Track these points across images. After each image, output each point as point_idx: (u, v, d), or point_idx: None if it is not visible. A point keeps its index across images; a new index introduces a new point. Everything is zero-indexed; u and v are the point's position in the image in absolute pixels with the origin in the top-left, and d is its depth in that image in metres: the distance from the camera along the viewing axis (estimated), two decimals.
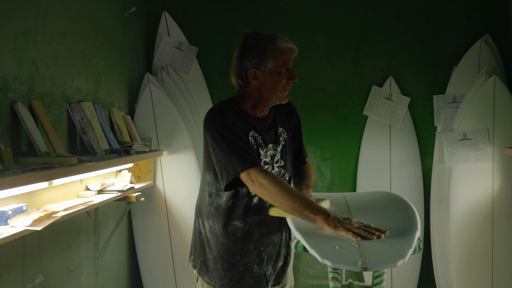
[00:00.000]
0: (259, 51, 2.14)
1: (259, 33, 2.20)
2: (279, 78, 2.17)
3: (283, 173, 2.31)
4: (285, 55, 2.17)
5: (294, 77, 2.19)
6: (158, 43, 4.30)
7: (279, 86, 2.18)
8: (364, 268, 1.60)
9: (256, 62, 2.15)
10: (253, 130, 2.22)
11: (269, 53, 2.14)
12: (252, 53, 2.15)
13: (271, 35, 2.18)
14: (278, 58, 2.15)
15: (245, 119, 2.22)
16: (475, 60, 4.08)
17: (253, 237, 2.27)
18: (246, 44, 2.18)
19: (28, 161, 2.31)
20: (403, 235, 1.85)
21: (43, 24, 2.72)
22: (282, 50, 2.16)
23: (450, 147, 3.91)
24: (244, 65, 2.17)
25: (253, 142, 2.21)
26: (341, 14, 4.42)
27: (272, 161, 2.26)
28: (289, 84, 2.19)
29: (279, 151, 2.29)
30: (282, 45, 2.17)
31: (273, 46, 2.15)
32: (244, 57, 2.17)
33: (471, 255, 3.85)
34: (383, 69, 4.39)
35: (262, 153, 2.23)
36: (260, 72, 2.16)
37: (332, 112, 4.44)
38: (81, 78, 3.17)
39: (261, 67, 2.15)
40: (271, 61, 2.14)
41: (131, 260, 4.12)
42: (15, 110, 2.43)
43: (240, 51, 2.18)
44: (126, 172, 3.56)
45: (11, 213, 2.25)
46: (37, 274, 2.70)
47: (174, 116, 3.97)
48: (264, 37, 2.17)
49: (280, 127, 2.33)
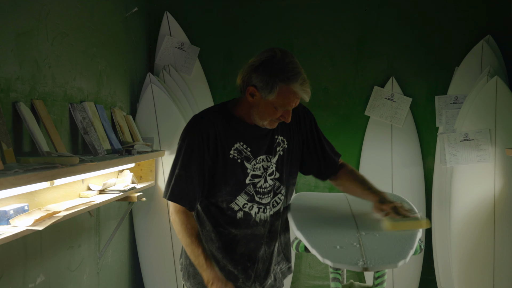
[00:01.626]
0: (269, 79, 1.97)
1: (284, 61, 1.98)
2: (272, 113, 2.02)
3: (278, 186, 2.16)
4: (291, 98, 2.00)
5: (287, 119, 2.05)
6: (160, 43, 4.30)
7: (268, 118, 2.04)
8: (365, 268, 1.60)
9: (260, 86, 1.99)
10: (240, 141, 2.09)
11: (276, 88, 1.97)
12: (262, 76, 1.98)
13: (292, 73, 1.97)
14: (282, 97, 1.99)
15: (233, 128, 2.09)
16: (477, 61, 4.07)
17: (237, 249, 2.15)
18: (265, 63, 1.98)
19: (30, 161, 2.31)
20: (404, 235, 1.85)
21: (45, 24, 2.73)
22: (291, 92, 1.98)
23: (452, 148, 3.90)
24: (251, 78, 2.01)
25: (236, 155, 2.08)
26: (343, 14, 4.41)
27: (264, 173, 2.12)
28: (279, 120, 2.06)
29: (273, 162, 2.13)
30: (295, 89, 1.98)
31: (285, 85, 1.96)
32: (255, 72, 2.00)
33: (473, 256, 3.85)
34: (384, 69, 4.39)
35: (249, 166, 2.09)
36: (259, 95, 2.01)
37: (334, 113, 4.44)
38: (83, 78, 3.18)
39: (262, 93, 1.99)
40: (274, 96, 1.98)
41: (133, 260, 4.12)
42: (17, 110, 2.43)
43: (256, 64, 2.00)
44: (128, 172, 3.57)
45: (13, 212, 2.26)
46: (38, 274, 2.70)
47: (175, 116, 3.98)
48: (284, 70, 1.97)
49: (279, 136, 2.16)
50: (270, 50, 2.01)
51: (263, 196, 2.12)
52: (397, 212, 1.99)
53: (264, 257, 2.19)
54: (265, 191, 2.12)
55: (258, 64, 1.99)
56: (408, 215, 1.96)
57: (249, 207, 2.11)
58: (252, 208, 2.12)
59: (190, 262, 2.14)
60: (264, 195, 2.12)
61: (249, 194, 2.10)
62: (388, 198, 2.07)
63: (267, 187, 2.13)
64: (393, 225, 1.90)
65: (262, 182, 2.12)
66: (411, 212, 2.00)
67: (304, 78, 1.98)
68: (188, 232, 2.03)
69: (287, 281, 4.44)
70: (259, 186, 2.11)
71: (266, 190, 2.13)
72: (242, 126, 2.10)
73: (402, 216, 1.97)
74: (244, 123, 2.11)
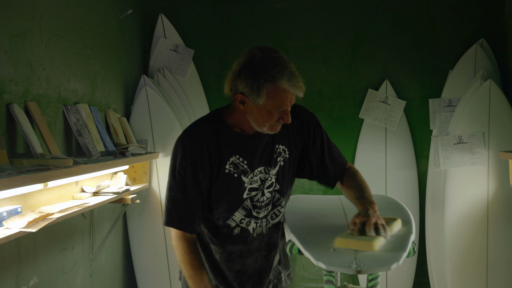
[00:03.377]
0: (253, 82, 1.81)
1: (265, 60, 1.82)
2: (268, 117, 1.86)
3: (278, 198, 2.06)
4: (283, 97, 1.83)
5: (287, 119, 1.88)
6: (155, 45, 4.30)
7: (266, 123, 1.89)
8: (358, 271, 1.60)
9: (247, 92, 1.83)
10: (236, 154, 1.95)
11: (264, 91, 1.80)
12: (246, 80, 1.82)
13: (277, 70, 1.80)
14: (273, 99, 1.82)
15: (227, 141, 1.95)
16: (470, 64, 4.09)
17: (233, 266, 2.08)
18: (246, 67, 1.83)
19: (23, 162, 2.31)
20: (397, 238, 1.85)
21: (39, 26, 2.72)
22: (280, 91, 1.82)
23: (445, 151, 3.92)
24: (236, 86, 1.85)
25: (232, 170, 1.95)
26: (337, 17, 4.43)
27: (262, 186, 2.00)
28: (279, 123, 1.90)
29: (273, 174, 2.01)
30: (284, 87, 1.81)
31: (271, 84, 1.80)
32: (238, 78, 1.84)
33: (466, 258, 3.86)
34: (379, 72, 4.40)
35: (247, 180, 1.97)
36: (249, 101, 1.85)
37: (328, 115, 4.45)
38: (77, 80, 3.17)
39: (251, 98, 1.83)
40: (263, 99, 1.82)
41: (126, 262, 4.11)
42: (11, 111, 2.43)
43: (238, 69, 1.85)
44: (122, 174, 3.56)
45: (6, 214, 2.25)
46: (31, 276, 2.70)
47: (170, 118, 3.98)
48: (267, 69, 1.80)
49: (280, 145, 2.02)
50: (249, 51, 1.86)
51: (260, 210, 2.02)
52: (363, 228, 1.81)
53: (261, 270, 2.13)
54: (262, 204, 2.02)
55: (240, 68, 1.84)
56: (369, 234, 1.77)
57: (246, 223, 2.03)
58: (250, 223, 2.03)
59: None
60: (261, 209, 2.02)
61: (247, 209, 2.01)
62: (365, 212, 1.87)
63: (264, 200, 2.02)
64: (339, 242, 1.78)
65: (260, 195, 2.01)
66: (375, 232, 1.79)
67: (291, 72, 1.81)
68: (191, 263, 1.94)
69: None
70: (256, 199, 2.00)
71: (264, 204, 2.02)
72: (237, 137, 1.96)
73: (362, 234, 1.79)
74: (239, 134, 1.96)
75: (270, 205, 2.05)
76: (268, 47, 1.87)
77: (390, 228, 1.86)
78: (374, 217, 1.84)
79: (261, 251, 2.11)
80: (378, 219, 1.84)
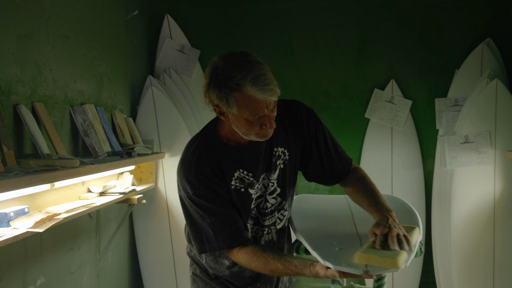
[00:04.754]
0: (221, 93, 1.71)
1: (228, 67, 1.69)
2: (248, 125, 1.75)
3: (280, 201, 1.99)
4: (254, 104, 1.69)
5: (270, 125, 1.75)
6: (161, 46, 4.31)
7: (250, 131, 1.77)
8: (365, 271, 1.60)
9: (220, 103, 1.74)
10: (239, 169, 1.88)
11: (233, 100, 1.69)
12: (215, 92, 1.72)
13: (240, 76, 1.66)
14: (245, 107, 1.70)
15: (228, 158, 1.87)
16: (477, 64, 4.08)
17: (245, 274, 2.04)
18: (212, 77, 1.73)
19: (30, 163, 2.32)
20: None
21: (46, 27, 2.73)
22: (251, 99, 1.68)
23: (451, 150, 3.91)
24: (210, 98, 1.76)
25: (239, 185, 1.88)
26: (343, 17, 4.42)
27: (264, 193, 1.95)
28: (265, 129, 1.77)
29: (274, 178, 1.94)
30: (251, 94, 1.67)
31: (239, 93, 1.68)
32: (209, 90, 1.75)
33: (473, 259, 3.85)
34: (385, 72, 4.39)
35: (253, 191, 1.91)
36: (226, 112, 1.75)
37: (334, 115, 4.44)
38: (83, 81, 3.18)
39: (225, 109, 1.74)
40: (235, 108, 1.71)
41: (132, 263, 4.12)
42: (18, 112, 2.44)
43: (207, 81, 1.75)
44: (128, 175, 3.57)
45: (13, 215, 2.26)
46: (38, 276, 2.71)
47: (176, 118, 3.98)
48: (230, 77, 1.67)
49: (279, 148, 1.93)
50: (212, 61, 1.75)
51: (266, 217, 1.98)
52: (385, 240, 1.69)
53: (273, 277, 2.09)
54: (267, 211, 1.98)
55: (208, 80, 1.74)
56: (391, 246, 1.66)
57: (255, 231, 1.99)
58: (258, 231, 2.00)
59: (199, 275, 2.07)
60: (266, 216, 1.98)
61: (254, 217, 1.97)
62: (386, 222, 1.75)
63: (268, 207, 1.97)
64: (361, 258, 1.64)
65: (263, 202, 1.96)
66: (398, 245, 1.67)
67: (256, 75, 1.66)
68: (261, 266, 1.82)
69: None
70: (261, 207, 1.96)
71: (269, 211, 1.98)
72: (236, 151, 1.88)
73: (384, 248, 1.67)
74: (237, 148, 1.88)
75: (275, 211, 2.00)
76: (234, 52, 1.76)
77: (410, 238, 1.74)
78: (396, 228, 1.71)
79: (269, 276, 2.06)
80: (400, 230, 1.72)
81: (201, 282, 2.09)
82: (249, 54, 1.74)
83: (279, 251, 1.97)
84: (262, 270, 1.83)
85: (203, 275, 2.08)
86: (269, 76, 1.70)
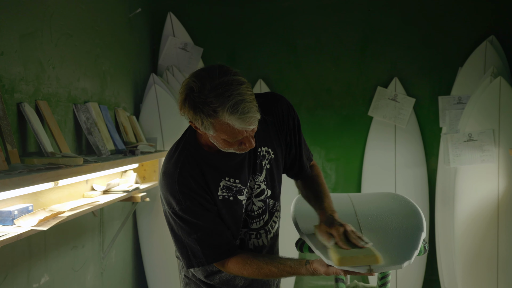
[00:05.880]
0: (197, 117, 1.60)
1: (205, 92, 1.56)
2: (226, 144, 1.66)
3: (273, 204, 1.93)
4: (231, 131, 1.60)
5: (249, 145, 1.66)
6: (164, 44, 4.31)
7: (229, 149, 1.69)
8: (369, 269, 1.60)
9: (195, 123, 1.64)
10: (225, 177, 1.79)
11: (209, 125, 1.59)
12: (190, 113, 1.62)
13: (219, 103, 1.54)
14: (222, 132, 1.60)
15: (212, 168, 1.77)
16: (480, 61, 4.07)
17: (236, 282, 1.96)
18: (188, 98, 1.60)
19: (34, 161, 2.32)
20: (408, 236, 1.85)
21: (49, 25, 2.73)
22: (228, 126, 1.58)
23: (455, 148, 3.90)
24: (185, 114, 1.65)
25: (227, 194, 1.79)
26: (346, 15, 4.42)
27: (251, 195, 1.87)
28: (244, 146, 1.68)
29: (261, 180, 1.87)
30: (230, 122, 1.56)
31: (216, 119, 1.57)
32: (183, 107, 1.63)
33: (476, 257, 3.84)
34: (388, 70, 4.39)
35: (242, 198, 1.83)
36: (203, 131, 1.66)
37: (337, 113, 4.44)
38: (87, 79, 3.19)
39: (202, 129, 1.65)
40: (212, 131, 1.62)
41: (136, 260, 4.13)
42: (22, 110, 2.44)
43: (182, 98, 1.62)
44: (132, 173, 3.57)
45: (17, 213, 2.26)
46: (42, 274, 2.71)
47: (179, 116, 3.94)
48: (208, 103, 1.55)
49: (263, 147, 1.85)
50: (186, 81, 1.62)
51: (253, 220, 1.90)
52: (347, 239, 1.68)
53: (268, 282, 2.03)
54: (254, 214, 1.90)
55: (183, 98, 1.61)
56: (358, 244, 1.66)
57: (243, 233, 1.92)
58: (246, 234, 1.92)
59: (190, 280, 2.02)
60: (254, 219, 1.90)
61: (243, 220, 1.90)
62: (337, 220, 1.75)
63: (255, 209, 1.89)
64: (341, 261, 1.60)
65: (251, 205, 1.88)
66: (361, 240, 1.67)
67: (234, 103, 1.53)
68: (254, 272, 1.77)
69: (291, 281, 4.44)
70: (249, 209, 1.88)
71: (256, 214, 1.90)
72: (220, 159, 1.78)
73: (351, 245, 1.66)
74: (220, 156, 1.78)
75: (266, 214, 1.92)
76: (210, 70, 1.61)
77: None
78: (347, 226, 1.72)
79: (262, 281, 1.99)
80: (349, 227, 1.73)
81: (194, 285, 2.04)
82: (228, 71, 1.60)
83: (270, 255, 1.92)
84: (256, 276, 1.79)
85: (195, 278, 2.02)
86: (249, 100, 1.57)
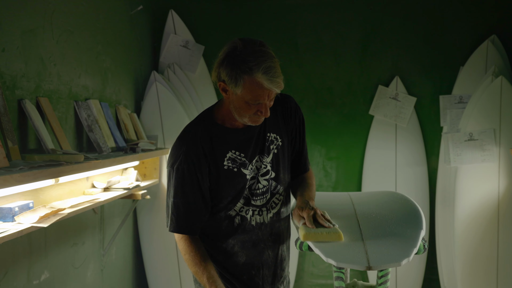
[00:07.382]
0: (232, 72, 1.85)
1: (246, 51, 1.85)
2: (246, 107, 1.90)
3: (275, 186, 2.08)
4: (259, 90, 1.85)
5: (265, 113, 1.91)
6: (165, 41, 4.31)
7: (245, 114, 1.93)
8: (368, 267, 1.60)
9: (227, 80, 1.88)
10: (231, 149, 2.00)
11: (241, 81, 1.84)
12: (227, 69, 1.87)
13: (255, 62, 1.83)
14: (249, 91, 1.85)
15: (220, 138, 2.00)
16: (482, 61, 4.07)
17: (238, 259, 2.06)
18: (228, 56, 1.88)
19: (35, 158, 2.33)
20: (408, 234, 1.85)
21: (51, 22, 2.74)
22: (258, 85, 1.83)
23: (456, 148, 3.90)
24: (219, 73, 1.90)
25: (231, 165, 1.99)
26: (347, 13, 4.41)
27: (257, 175, 2.03)
28: (259, 116, 1.93)
29: (268, 161, 2.04)
30: (260, 80, 1.82)
31: (249, 77, 1.83)
32: (221, 66, 1.89)
33: (476, 256, 3.84)
34: (389, 68, 4.38)
35: (247, 172, 2.01)
36: (230, 89, 1.90)
37: (338, 112, 4.44)
38: (88, 76, 3.19)
39: (231, 87, 1.88)
40: (241, 89, 1.86)
41: (136, 258, 4.14)
42: (23, 107, 2.45)
43: (222, 57, 1.90)
44: (132, 170, 3.58)
45: (18, 209, 2.27)
46: (43, 271, 2.72)
47: (180, 114, 3.98)
48: (246, 61, 1.83)
49: (272, 133, 2.06)
50: (232, 42, 1.90)
51: (257, 197, 2.04)
52: (315, 220, 1.90)
53: (269, 262, 2.10)
54: (258, 192, 2.04)
55: (223, 57, 1.89)
56: (323, 224, 1.87)
57: (245, 211, 2.04)
58: (248, 211, 2.04)
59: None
60: (257, 196, 2.04)
61: (245, 197, 2.03)
62: (309, 205, 1.97)
63: (260, 188, 2.04)
64: (306, 236, 1.83)
65: (256, 183, 2.04)
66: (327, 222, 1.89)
67: (269, 66, 1.82)
68: (192, 260, 1.97)
69: (291, 280, 4.45)
70: (253, 188, 2.03)
71: (260, 192, 2.04)
72: (230, 132, 2.01)
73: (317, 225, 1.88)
74: (231, 129, 2.01)
75: (268, 194, 2.06)
76: (253, 40, 1.90)
77: None
78: (318, 210, 1.94)
79: (266, 242, 2.08)
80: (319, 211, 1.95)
81: None
82: (266, 46, 1.88)
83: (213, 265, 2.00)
84: (188, 265, 1.98)
85: None
86: (278, 70, 1.85)
